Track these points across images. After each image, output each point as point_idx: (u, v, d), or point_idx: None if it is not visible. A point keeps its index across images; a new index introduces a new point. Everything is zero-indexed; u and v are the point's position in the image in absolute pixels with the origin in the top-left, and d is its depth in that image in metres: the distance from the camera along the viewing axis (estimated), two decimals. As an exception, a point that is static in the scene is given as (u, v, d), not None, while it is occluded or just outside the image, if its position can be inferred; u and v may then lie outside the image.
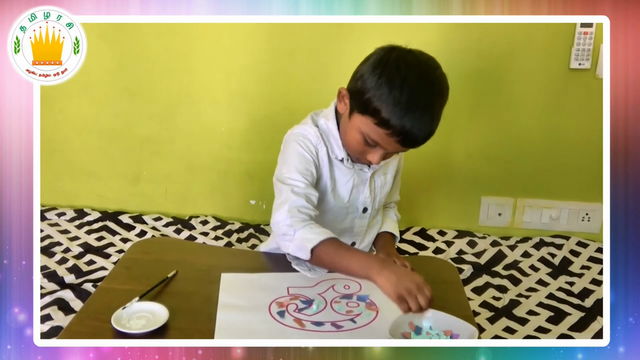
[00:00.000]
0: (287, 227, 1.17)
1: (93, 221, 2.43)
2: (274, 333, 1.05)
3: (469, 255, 2.25)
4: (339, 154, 1.25)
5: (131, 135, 2.44)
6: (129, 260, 1.32)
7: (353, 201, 1.32)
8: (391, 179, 1.37)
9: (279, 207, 1.19)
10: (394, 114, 1.09)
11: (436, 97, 1.12)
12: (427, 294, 1.03)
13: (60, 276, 1.99)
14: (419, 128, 1.10)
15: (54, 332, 1.69)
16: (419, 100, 1.09)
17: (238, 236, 2.34)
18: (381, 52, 1.15)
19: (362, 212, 1.34)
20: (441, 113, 1.14)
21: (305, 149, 1.24)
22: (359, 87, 1.14)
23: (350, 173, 1.29)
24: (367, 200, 1.33)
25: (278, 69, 2.28)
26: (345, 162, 1.26)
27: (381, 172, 1.34)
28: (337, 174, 1.28)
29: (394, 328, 1.03)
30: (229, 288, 1.19)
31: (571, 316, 1.88)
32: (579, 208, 2.38)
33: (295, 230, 1.17)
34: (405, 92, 1.08)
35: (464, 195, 2.42)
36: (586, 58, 2.15)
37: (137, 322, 1.05)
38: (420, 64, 1.12)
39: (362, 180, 1.30)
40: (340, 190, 1.29)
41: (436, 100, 1.12)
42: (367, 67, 1.14)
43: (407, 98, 1.08)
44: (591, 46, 2.14)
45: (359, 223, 1.36)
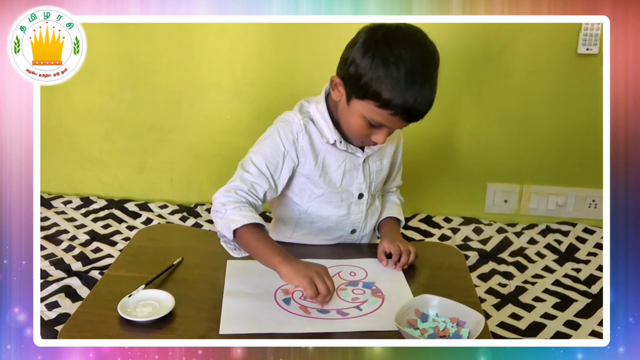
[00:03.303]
0: (220, 205, 1.19)
1: (99, 209, 2.44)
2: (279, 320, 1.05)
3: (475, 242, 2.24)
4: (330, 137, 1.25)
5: (136, 123, 2.44)
6: (134, 248, 1.32)
7: (346, 186, 1.31)
8: (387, 164, 1.36)
9: (224, 186, 1.23)
10: (395, 93, 1.09)
11: (431, 66, 1.12)
12: (329, 283, 1.07)
13: (67, 264, 2.00)
14: (421, 101, 1.11)
15: (62, 318, 1.70)
16: (416, 75, 1.09)
17: (244, 223, 2.34)
18: (367, 33, 1.14)
19: (357, 198, 1.33)
20: (437, 80, 1.14)
21: (282, 137, 1.24)
22: (352, 72, 1.13)
23: (342, 157, 1.28)
24: (362, 186, 1.32)
25: (283, 57, 2.27)
26: (338, 144, 1.25)
27: (376, 157, 1.33)
28: (327, 159, 1.27)
29: (400, 315, 1.03)
30: (235, 275, 1.19)
31: (577, 302, 1.88)
32: (586, 195, 2.37)
33: (226, 210, 1.18)
34: (402, 69, 1.08)
35: (469, 182, 2.41)
36: (594, 43, 2.13)
37: (143, 310, 1.05)
38: (409, 37, 1.12)
39: (355, 165, 1.30)
40: (332, 175, 1.29)
41: (432, 70, 1.12)
42: (357, 51, 1.13)
43: (405, 75, 1.08)
44: (599, 31, 2.12)
45: (356, 209, 1.35)
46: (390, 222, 1.41)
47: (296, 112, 1.27)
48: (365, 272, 1.23)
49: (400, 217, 1.43)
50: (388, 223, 1.41)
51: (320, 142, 1.26)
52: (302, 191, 1.32)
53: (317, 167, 1.27)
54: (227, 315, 1.06)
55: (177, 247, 1.31)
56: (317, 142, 1.26)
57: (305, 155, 1.26)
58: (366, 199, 1.34)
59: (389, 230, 1.38)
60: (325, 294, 1.06)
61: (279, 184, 1.26)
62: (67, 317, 1.67)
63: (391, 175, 1.44)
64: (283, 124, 1.26)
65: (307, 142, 1.25)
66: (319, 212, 1.33)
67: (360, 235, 1.39)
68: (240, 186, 1.21)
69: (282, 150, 1.24)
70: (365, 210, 1.36)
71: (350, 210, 1.34)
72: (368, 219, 1.38)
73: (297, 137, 1.24)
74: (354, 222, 1.36)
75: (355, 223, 1.37)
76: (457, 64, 2.23)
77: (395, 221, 1.42)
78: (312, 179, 1.29)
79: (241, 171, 1.24)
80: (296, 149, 1.25)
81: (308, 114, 1.27)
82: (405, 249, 1.26)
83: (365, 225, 1.38)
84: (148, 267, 1.19)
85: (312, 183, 1.29)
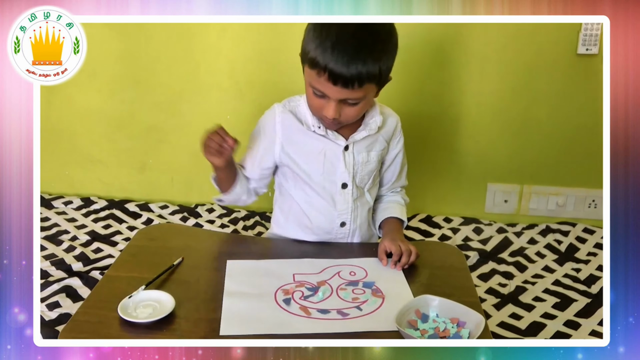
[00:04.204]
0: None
1: (100, 209, 2.44)
2: (280, 321, 1.06)
3: (475, 242, 2.24)
4: (311, 123, 1.31)
5: (137, 123, 2.44)
6: (134, 248, 1.33)
7: (328, 174, 1.33)
8: (376, 158, 1.37)
9: None
10: (319, 51, 1.15)
11: (365, 35, 1.15)
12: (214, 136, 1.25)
13: (68, 264, 2.00)
14: (342, 63, 1.13)
15: (63, 319, 1.71)
16: (342, 37, 1.14)
17: (244, 224, 2.34)
18: None
19: (341, 187, 1.35)
20: (377, 55, 1.16)
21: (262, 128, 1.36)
22: (302, 43, 1.22)
23: (322, 145, 1.32)
24: (345, 175, 1.34)
25: (283, 57, 2.27)
26: (317, 129, 1.30)
27: (362, 148, 1.34)
28: (308, 147, 1.32)
29: (400, 316, 1.03)
30: (235, 275, 1.20)
31: (577, 302, 1.88)
32: (586, 195, 2.37)
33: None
34: (331, 32, 1.14)
35: (470, 182, 2.41)
36: (594, 43, 2.13)
37: (143, 311, 1.06)
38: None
39: (336, 153, 1.32)
40: (312, 163, 1.33)
41: (365, 37, 1.15)
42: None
43: (330, 36, 1.14)
44: (598, 31, 2.12)
45: (340, 200, 1.36)
46: (393, 222, 1.42)
47: (279, 105, 1.35)
48: (365, 271, 1.24)
49: (403, 218, 1.44)
50: (390, 222, 1.42)
51: (299, 130, 1.32)
52: (289, 179, 1.38)
53: (297, 155, 1.33)
54: (227, 316, 1.06)
55: (177, 247, 1.31)
56: (295, 130, 1.32)
57: (283, 143, 1.33)
58: (350, 189, 1.35)
59: (390, 230, 1.39)
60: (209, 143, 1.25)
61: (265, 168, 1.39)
62: (68, 317, 1.68)
63: (394, 175, 1.45)
64: (263, 116, 1.37)
65: (284, 130, 1.33)
66: (306, 200, 1.37)
67: (351, 228, 1.39)
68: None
69: (262, 139, 1.36)
70: (351, 201, 1.36)
71: (336, 201, 1.36)
72: (358, 211, 1.39)
73: (274, 126, 1.33)
74: (341, 213, 1.37)
75: (342, 214, 1.37)
76: (457, 66, 2.23)
77: (397, 221, 1.43)
78: (293, 167, 1.34)
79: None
80: (275, 137, 1.34)
81: (291, 106, 1.34)
82: (406, 249, 1.26)
83: (355, 217, 1.39)
84: (148, 267, 1.20)
85: (295, 171, 1.35)
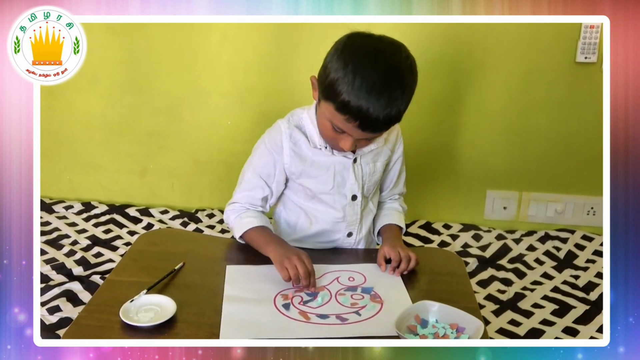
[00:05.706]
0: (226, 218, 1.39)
1: (100, 214, 2.44)
2: (279, 326, 1.06)
3: (474, 249, 2.25)
4: (317, 142, 1.29)
5: (138, 128, 2.45)
6: (136, 252, 1.33)
7: (339, 188, 1.33)
8: (381, 168, 1.37)
9: (229, 203, 1.39)
10: (351, 97, 1.11)
11: (393, 82, 1.12)
12: (306, 262, 1.17)
13: (68, 268, 2.01)
14: (374, 112, 1.11)
15: (63, 322, 1.71)
16: (372, 85, 1.10)
17: (244, 229, 2.35)
18: (347, 37, 1.17)
19: (351, 199, 1.35)
20: (405, 96, 1.14)
21: (269, 147, 1.33)
22: (322, 73, 1.18)
23: (331, 160, 1.31)
24: (354, 187, 1.34)
25: (284, 62, 2.28)
26: (324, 149, 1.29)
27: (369, 159, 1.35)
28: (317, 163, 1.31)
29: (400, 321, 1.03)
30: (234, 280, 1.20)
31: (576, 309, 1.88)
32: (584, 202, 2.38)
33: (231, 221, 1.37)
34: (359, 75, 1.10)
35: (469, 189, 2.42)
36: (592, 52, 2.14)
37: (145, 315, 1.06)
38: (376, 48, 1.14)
39: (345, 166, 1.32)
40: (323, 177, 1.32)
41: (393, 85, 1.12)
42: (330, 55, 1.17)
43: (361, 82, 1.10)
44: (597, 40, 2.13)
45: (351, 211, 1.37)
46: (392, 228, 1.43)
47: (284, 121, 1.33)
48: (363, 277, 1.24)
49: (402, 224, 1.45)
50: (389, 229, 1.43)
51: (307, 147, 1.30)
52: (299, 192, 1.37)
53: (306, 171, 1.31)
54: (227, 321, 1.07)
55: (178, 252, 1.32)
56: (303, 147, 1.30)
57: (292, 160, 1.31)
58: (359, 201, 1.36)
59: (390, 236, 1.39)
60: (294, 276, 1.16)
61: (274, 189, 1.36)
62: (69, 321, 1.68)
63: (392, 182, 1.46)
64: (269, 134, 1.34)
65: (292, 148, 1.30)
66: (315, 213, 1.37)
67: (357, 238, 1.41)
68: (239, 199, 1.37)
69: (270, 158, 1.33)
70: (359, 212, 1.37)
71: (346, 212, 1.36)
72: (363, 221, 1.40)
73: (281, 144, 1.31)
74: (350, 224, 1.38)
75: (350, 225, 1.38)
76: (457, 74, 2.25)
77: (396, 227, 1.44)
78: (302, 182, 1.33)
79: (239, 185, 1.38)
80: (283, 155, 1.31)
81: (295, 121, 1.32)
82: (406, 255, 1.27)
83: (361, 227, 1.40)
84: (149, 272, 1.20)
85: (304, 185, 1.34)
